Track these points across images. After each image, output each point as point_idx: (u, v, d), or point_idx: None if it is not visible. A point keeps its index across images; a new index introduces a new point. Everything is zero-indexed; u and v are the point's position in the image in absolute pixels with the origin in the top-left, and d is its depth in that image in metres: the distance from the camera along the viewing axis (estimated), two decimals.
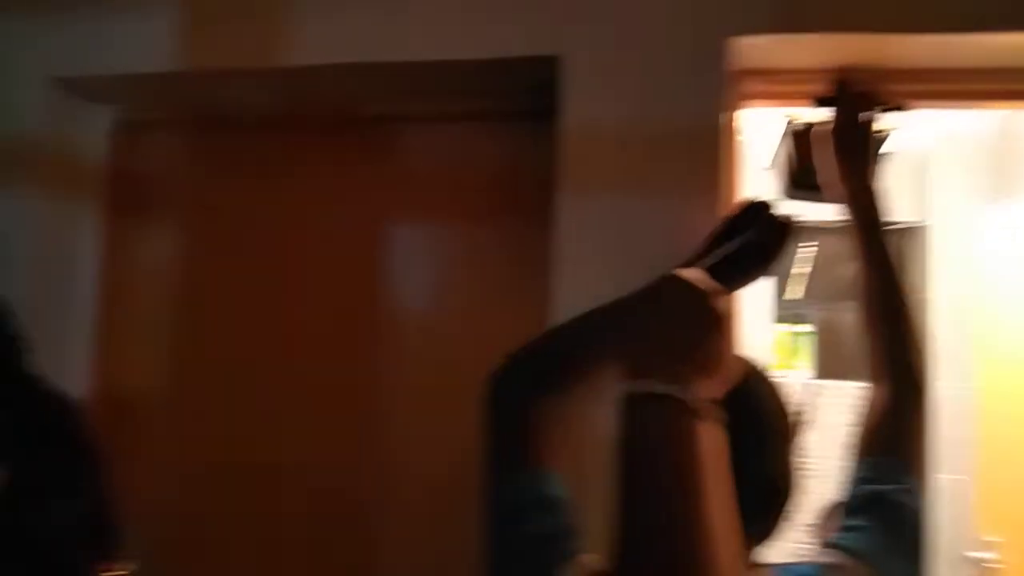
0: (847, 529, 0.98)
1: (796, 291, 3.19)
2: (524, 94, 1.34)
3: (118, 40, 1.42)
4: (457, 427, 1.33)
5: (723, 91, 1.18)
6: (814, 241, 3.04)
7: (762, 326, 3.11)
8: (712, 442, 0.68)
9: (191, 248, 1.60)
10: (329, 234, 1.53)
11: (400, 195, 1.52)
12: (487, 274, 1.44)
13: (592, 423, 1.12)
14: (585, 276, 1.17)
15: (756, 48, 1.19)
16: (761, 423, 0.88)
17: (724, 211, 1.11)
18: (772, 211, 0.84)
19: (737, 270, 0.81)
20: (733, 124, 1.22)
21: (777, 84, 1.27)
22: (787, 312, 3.20)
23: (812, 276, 3.15)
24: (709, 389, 0.71)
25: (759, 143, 1.51)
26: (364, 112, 1.51)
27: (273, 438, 1.50)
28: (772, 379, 0.93)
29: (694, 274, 0.76)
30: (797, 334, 3.22)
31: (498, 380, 0.97)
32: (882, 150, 1.23)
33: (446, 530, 1.34)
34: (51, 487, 1.08)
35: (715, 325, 0.73)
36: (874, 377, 1.12)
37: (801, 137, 1.29)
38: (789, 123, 1.32)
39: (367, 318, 1.50)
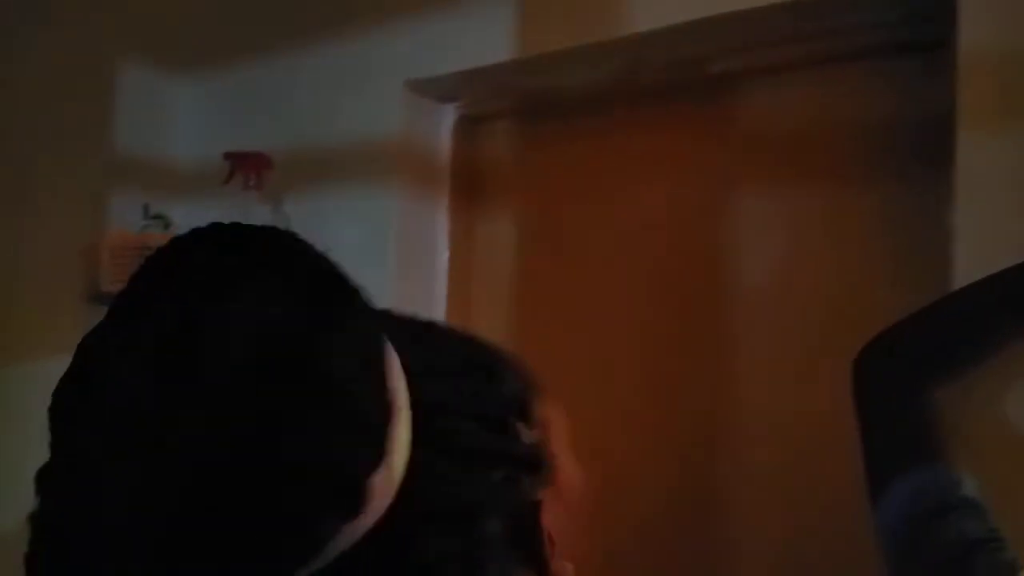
0: None
1: None
2: (893, 26, 1.18)
3: (461, 38, 1.47)
4: (816, 417, 1.22)
5: None
6: None
7: None
8: None
9: (531, 233, 1.61)
10: (672, 207, 1.46)
11: (749, 158, 1.41)
12: (853, 241, 1.28)
13: (1003, 415, 0.96)
14: (993, 234, 0.98)
15: None
16: None
17: None
18: None
19: None
20: None
21: None
22: None
23: None
24: None
25: None
26: (702, 73, 1.41)
27: (617, 429, 1.45)
28: None
29: None
30: None
31: (869, 364, 0.84)
32: None
33: (803, 516, 1.23)
34: None
35: None
36: None
37: None
38: None
39: (713, 299, 1.41)
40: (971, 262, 0.96)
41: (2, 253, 1.61)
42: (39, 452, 0.38)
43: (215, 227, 0.39)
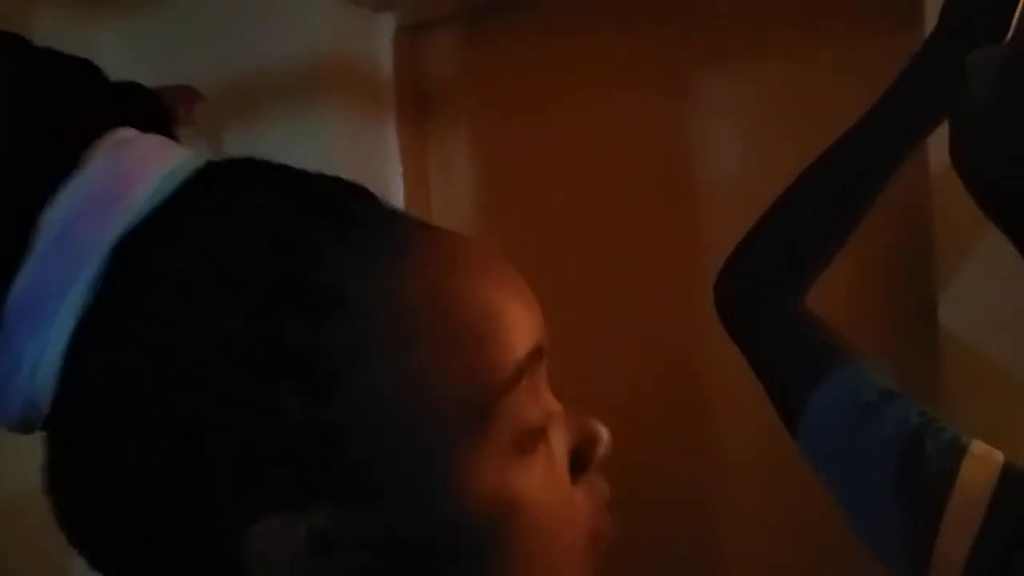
0: None
1: None
2: None
3: None
4: None
5: None
6: None
7: None
8: None
9: (488, 148, 1.52)
10: (636, 112, 1.36)
11: (707, 43, 1.31)
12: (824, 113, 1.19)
13: None
14: None
15: None
16: None
17: None
18: None
19: None
20: None
21: None
22: None
23: None
24: None
25: None
26: None
27: (586, 353, 1.38)
28: None
29: None
30: None
31: (729, 298, 0.78)
32: None
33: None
34: None
35: None
36: None
37: None
38: None
39: (683, 206, 1.33)
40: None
41: None
42: None
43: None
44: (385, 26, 1.53)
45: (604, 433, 0.42)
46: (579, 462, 0.41)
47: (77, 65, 0.39)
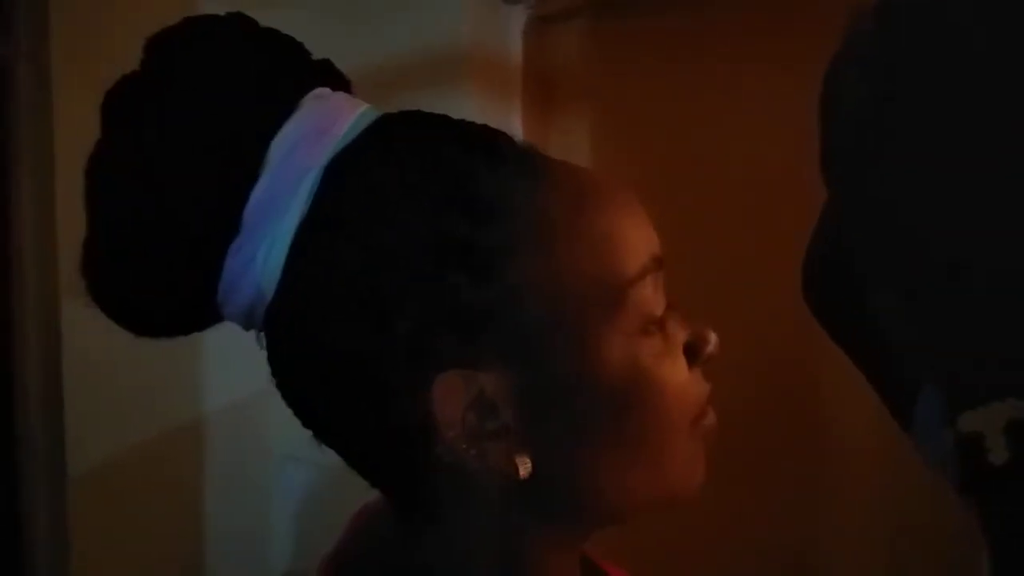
0: None
1: None
2: None
3: None
4: None
5: None
6: None
7: None
8: None
9: (609, 142, 1.54)
10: (769, 116, 1.35)
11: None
12: None
13: None
14: None
15: None
16: None
17: None
18: None
19: None
20: None
21: None
22: None
23: None
24: None
25: None
26: None
27: None
28: None
29: None
30: None
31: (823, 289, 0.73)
32: None
33: None
34: None
35: None
36: None
37: None
38: None
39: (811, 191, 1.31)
40: None
41: None
42: None
43: None
44: (516, 18, 1.57)
45: (712, 335, 0.52)
46: (691, 353, 0.51)
47: (289, 40, 0.53)
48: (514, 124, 1.57)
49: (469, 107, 1.49)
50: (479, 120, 0.52)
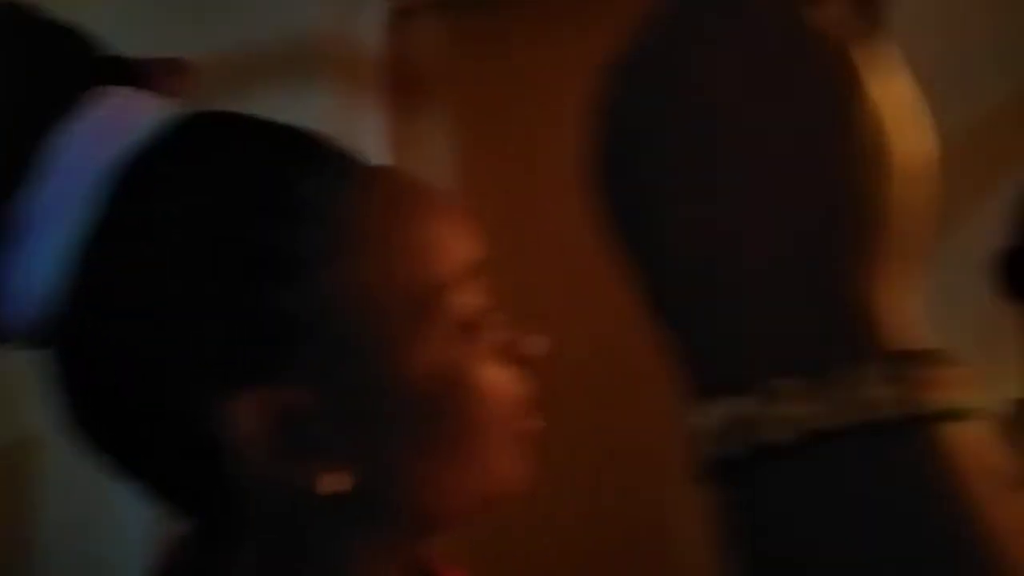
0: None
1: None
2: None
3: None
4: None
5: None
6: None
7: None
8: None
9: (476, 133, 1.54)
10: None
11: None
12: None
13: None
14: None
15: None
16: None
17: None
18: None
19: None
20: None
21: None
22: None
23: None
24: None
25: None
26: None
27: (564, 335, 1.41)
28: None
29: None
30: None
31: None
32: None
33: None
34: None
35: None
36: None
37: None
38: None
39: None
40: None
41: None
42: None
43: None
44: (376, 11, 1.55)
45: (535, 337, 0.51)
46: (510, 356, 0.50)
47: (74, 34, 0.46)
48: (373, 118, 1.55)
49: (323, 99, 1.47)
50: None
